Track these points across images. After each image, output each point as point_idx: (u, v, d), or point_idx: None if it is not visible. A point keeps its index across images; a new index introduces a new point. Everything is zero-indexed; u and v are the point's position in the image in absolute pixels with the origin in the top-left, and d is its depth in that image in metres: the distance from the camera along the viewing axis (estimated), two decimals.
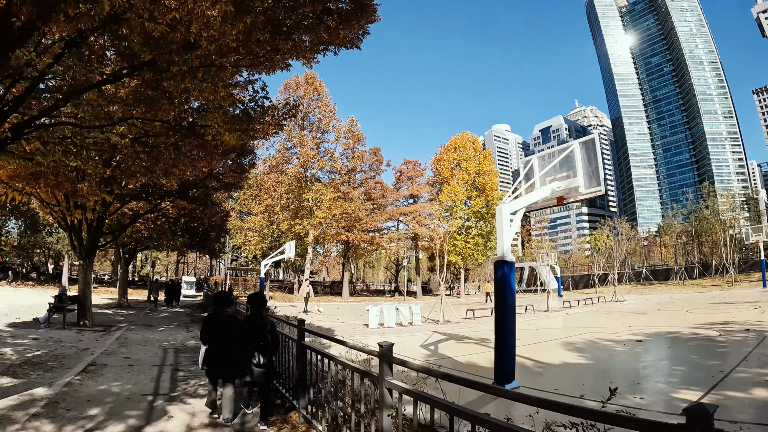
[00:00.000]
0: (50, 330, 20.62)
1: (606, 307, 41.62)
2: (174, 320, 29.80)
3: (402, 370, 5.76)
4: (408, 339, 23.07)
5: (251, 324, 8.50)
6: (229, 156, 20.98)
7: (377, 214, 71.36)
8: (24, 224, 73.55)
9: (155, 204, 27.02)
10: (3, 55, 8.02)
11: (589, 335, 22.78)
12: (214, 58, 9.28)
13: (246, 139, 13.12)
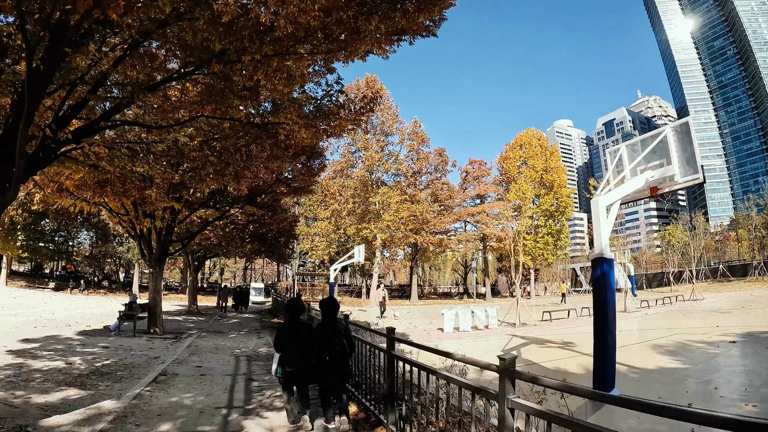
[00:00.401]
0: (120, 338, 20.46)
1: (685, 307, 40.10)
2: (244, 327, 29.51)
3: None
4: (486, 344, 22.35)
5: (325, 330, 8.34)
6: (299, 159, 20.54)
7: (445, 215, 70.53)
8: (95, 235, 75.99)
9: (224, 211, 26.74)
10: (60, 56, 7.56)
11: (676, 337, 21.72)
12: (289, 44, 8.56)
13: (321, 136, 12.32)
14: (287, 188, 25.11)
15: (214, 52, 8.46)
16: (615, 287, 12.78)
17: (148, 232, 23.03)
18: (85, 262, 78.04)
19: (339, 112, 11.57)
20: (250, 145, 12.70)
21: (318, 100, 11.41)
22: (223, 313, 40.95)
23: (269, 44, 8.38)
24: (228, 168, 14.09)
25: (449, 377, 5.94)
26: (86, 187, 16.17)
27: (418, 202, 64.41)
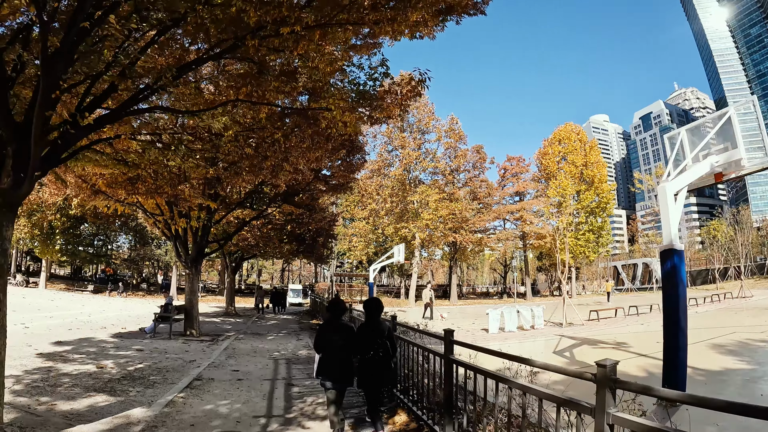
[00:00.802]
0: (155, 340, 19.92)
1: (735, 304, 38.90)
2: (283, 328, 28.92)
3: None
4: (535, 345, 21.44)
5: (368, 330, 8.21)
6: (339, 153, 19.69)
7: (484, 213, 69.28)
8: (134, 238, 77.19)
9: (261, 210, 26.16)
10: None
11: (734, 335, 20.80)
12: (332, 13, 7.70)
13: (366, 123, 11.41)
14: (326, 186, 24.41)
15: (249, 26, 7.67)
16: (685, 282, 11.79)
17: (184, 233, 22.56)
18: (123, 265, 78.98)
19: (385, 96, 10.66)
20: (289, 135, 11.95)
21: (361, 85, 10.51)
22: (261, 315, 40.58)
23: (312, 11, 7.55)
24: (265, 162, 13.39)
25: (527, 387, 5.07)
26: (117, 185, 15.56)
27: (456, 200, 63.30)
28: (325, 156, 16.05)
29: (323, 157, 16.42)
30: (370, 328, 8.22)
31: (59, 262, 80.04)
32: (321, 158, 15.70)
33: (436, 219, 60.46)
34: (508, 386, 5.52)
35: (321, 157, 15.55)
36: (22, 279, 59.74)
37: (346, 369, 8.11)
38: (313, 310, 44.09)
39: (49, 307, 34.32)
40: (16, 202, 7.13)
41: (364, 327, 8.31)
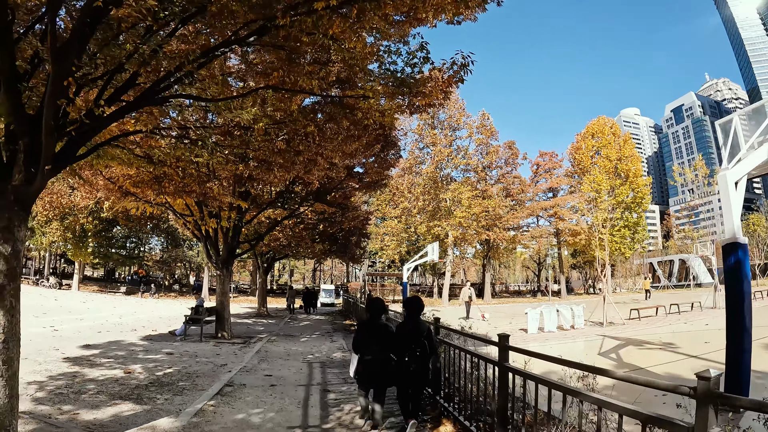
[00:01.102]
0: (186, 343, 19.46)
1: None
2: (316, 329, 28.44)
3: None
4: (577, 346, 20.67)
5: (407, 330, 8.12)
6: (373, 149, 18.83)
7: (517, 210, 68.22)
8: (165, 240, 77.95)
9: (293, 209, 25.58)
10: None
11: None
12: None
13: (405, 111, 10.66)
14: (359, 183, 23.71)
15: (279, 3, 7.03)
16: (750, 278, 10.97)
17: (214, 234, 22.08)
18: (155, 267, 79.46)
19: (426, 82, 9.91)
20: (323, 127, 11.31)
21: (398, 72, 9.78)
22: (294, 316, 40.22)
23: None
24: (298, 157, 12.76)
25: (605, 402, 4.36)
26: (144, 184, 15.09)
27: (489, 197, 62.40)
28: (359, 151, 15.47)
29: (358, 152, 15.85)
30: (410, 327, 8.11)
31: (93, 265, 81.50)
32: (355, 153, 15.16)
33: (470, 216, 59.43)
34: (579, 399, 4.84)
35: (355, 152, 15.01)
36: (55, 281, 59.98)
37: (384, 370, 8.12)
38: (346, 311, 43.61)
39: (80, 309, 34.22)
40: (28, 199, 6.59)
41: (404, 327, 8.24)
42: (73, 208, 54.36)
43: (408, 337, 7.98)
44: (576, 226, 67.04)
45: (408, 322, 8.29)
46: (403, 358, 7.91)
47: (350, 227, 35.73)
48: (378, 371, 8.16)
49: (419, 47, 9.33)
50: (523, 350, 6.39)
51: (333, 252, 39.78)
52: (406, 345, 7.93)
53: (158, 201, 19.43)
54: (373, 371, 8.17)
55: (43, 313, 28.24)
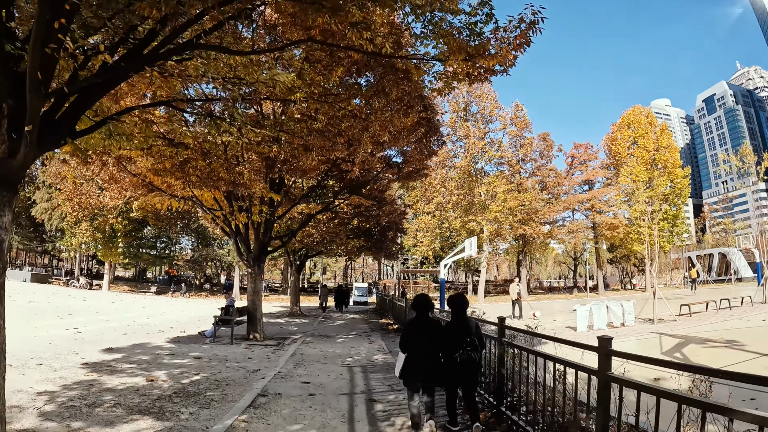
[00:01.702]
0: (216, 345, 18.21)
1: None
2: (352, 329, 27.21)
3: None
4: (631, 344, 19.18)
5: (456, 328, 8.11)
6: (418, 132, 17.13)
7: (553, 204, 66.61)
8: (196, 239, 78.26)
9: (328, 203, 24.23)
10: None
11: None
12: None
13: (464, 80, 9.10)
14: (398, 172, 22.15)
15: None
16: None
17: (245, 229, 20.76)
18: (186, 266, 79.39)
19: (488, 44, 8.37)
20: (370, 99, 9.88)
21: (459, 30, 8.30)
22: (326, 314, 39.26)
23: None
24: (339, 137, 11.37)
25: None
26: (166, 172, 13.69)
27: (525, 190, 61.07)
28: (404, 133, 14.13)
29: (402, 135, 14.51)
30: (458, 325, 8.11)
31: (124, 265, 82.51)
32: (400, 135, 13.80)
33: (505, 210, 58.06)
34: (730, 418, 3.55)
35: (401, 133, 13.65)
36: (85, 282, 59.86)
37: (434, 369, 7.96)
38: (380, 309, 42.44)
39: (108, 309, 33.26)
40: (12, 175, 5.29)
41: (452, 324, 8.22)
42: (102, 209, 54.38)
43: (458, 335, 7.92)
44: (614, 219, 65.29)
45: (454, 319, 8.30)
46: (453, 355, 7.85)
47: (387, 222, 34.18)
48: (429, 369, 7.89)
49: (481, 2, 7.92)
50: (633, 356, 5.07)
51: (368, 248, 38.10)
52: (455, 343, 7.88)
53: (184, 194, 18.23)
54: (424, 370, 7.86)
55: (68, 314, 27.23)
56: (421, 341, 7.93)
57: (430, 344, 7.97)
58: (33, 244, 75.02)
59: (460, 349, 7.81)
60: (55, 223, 62.32)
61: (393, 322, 29.94)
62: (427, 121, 17.39)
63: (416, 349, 7.90)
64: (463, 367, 7.84)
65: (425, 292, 11.03)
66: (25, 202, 67.88)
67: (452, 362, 7.87)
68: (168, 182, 16.98)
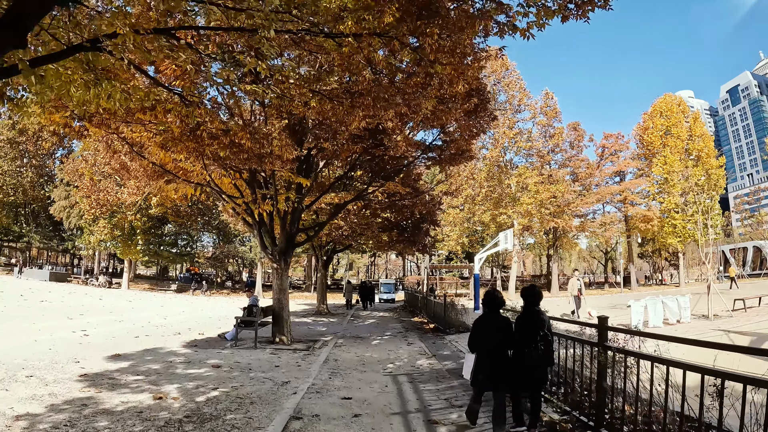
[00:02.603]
0: (237, 350, 16.08)
1: None
2: (385, 329, 25.38)
3: None
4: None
5: (528, 322, 7.61)
6: (470, 103, 14.51)
7: (585, 195, 64.05)
8: (217, 236, 77.97)
9: (361, 190, 21.97)
10: None
11: None
12: None
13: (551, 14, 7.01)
14: (440, 155, 19.59)
15: None
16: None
17: (270, 220, 18.58)
18: (207, 264, 78.47)
19: None
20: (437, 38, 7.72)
21: None
22: (355, 312, 37.93)
23: None
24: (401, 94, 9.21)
25: None
26: (176, 142, 11.33)
27: (556, 182, 58.90)
28: (456, 103, 12.04)
29: (454, 105, 12.35)
30: (530, 319, 7.67)
31: (144, 263, 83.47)
32: (452, 105, 11.65)
33: (537, 202, 56.07)
34: None
35: (452, 104, 11.52)
36: (104, 280, 58.93)
37: (503, 366, 7.62)
38: (410, 306, 40.49)
39: (123, 309, 31.43)
40: None
41: (524, 319, 7.79)
42: (121, 206, 53.61)
43: (530, 330, 7.47)
44: (648, 212, 62.91)
45: (528, 313, 7.82)
46: (523, 353, 7.44)
47: (421, 214, 31.73)
48: (501, 370, 7.55)
49: None
50: None
51: (401, 242, 35.48)
52: (530, 339, 7.42)
53: (200, 180, 16.18)
54: (495, 370, 7.53)
55: (80, 314, 25.32)
56: (492, 339, 7.64)
57: (502, 342, 7.66)
58: (53, 243, 74.21)
59: (532, 344, 7.33)
60: (74, 221, 61.87)
61: (427, 321, 28.01)
62: (479, 93, 15.04)
63: (486, 348, 7.63)
64: (533, 364, 7.35)
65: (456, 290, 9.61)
66: (44, 201, 68.36)
67: (522, 359, 7.45)
68: (182, 167, 15.05)
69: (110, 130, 12.32)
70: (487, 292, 8.21)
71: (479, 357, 7.66)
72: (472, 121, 16.34)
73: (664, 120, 65.46)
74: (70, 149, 68.96)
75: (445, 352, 16.71)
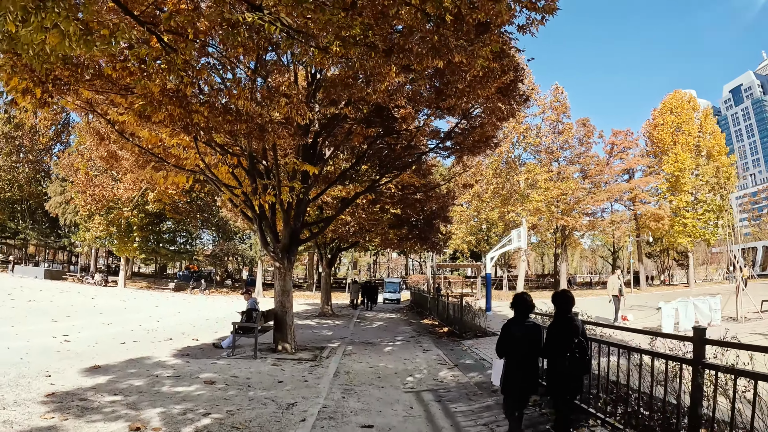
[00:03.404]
0: (234, 361, 14.10)
1: None
2: (394, 332, 23.77)
3: None
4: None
5: (562, 328, 7.13)
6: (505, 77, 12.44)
7: (595, 193, 62.35)
8: (216, 233, 77.38)
9: (373, 181, 19.68)
10: None
11: None
12: None
13: None
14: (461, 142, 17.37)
15: None
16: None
17: (272, 212, 16.64)
18: (206, 262, 77.30)
19: None
20: None
21: None
22: (361, 314, 36.15)
23: None
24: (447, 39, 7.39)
25: None
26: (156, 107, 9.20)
27: (565, 179, 57.50)
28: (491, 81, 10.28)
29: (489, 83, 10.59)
30: (564, 325, 7.14)
31: (144, 261, 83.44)
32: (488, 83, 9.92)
33: (547, 200, 54.95)
34: None
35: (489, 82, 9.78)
36: (100, 278, 57.13)
37: (533, 373, 7.30)
38: (418, 307, 39.06)
39: (115, 309, 29.57)
40: None
41: (557, 325, 7.24)
42: (117, 202, 52.48)
43: (565, 336, 6.97)
44: (659, 210, 61.19)
45: (559, 318, 7.32)
46: (558, 359, 6.98)
47: (432, 210, 29.66)
48: (527, 378, 7.17)
49: None
50: None
51: (410, 239, 33.24)
52: (564, 345, 6.92)
53: (193, 167, 14.29)
54: (522, 378, 7.13)
55: (66, 316, 23.45)
56: (522, 345, 7.24)
57: (532, 347, 7.29)
58: (50, 239, 72.81)
59: (567, 351, 6.92)
60: (69, 217, 60.73)
61: (439, 324, 26.26)
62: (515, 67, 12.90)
63: (515, 355, 7.25)
64: (569, 373, 6.94)
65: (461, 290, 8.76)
66: (41, 197, 67.06)
67: (558, 367, 7.06)
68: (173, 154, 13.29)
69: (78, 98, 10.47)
70: (516, 295, 7.76)
71: (508, 364, 7.29)
72: (504, 100, 14.01)
73: (675, 117, 64.01)
74: (68, 144, 67.94)
75: (467, 360, 14.94)
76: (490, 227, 63.95)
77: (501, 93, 13.43)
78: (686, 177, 60.60)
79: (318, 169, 15.16)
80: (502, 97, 13.70)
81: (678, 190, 61.07)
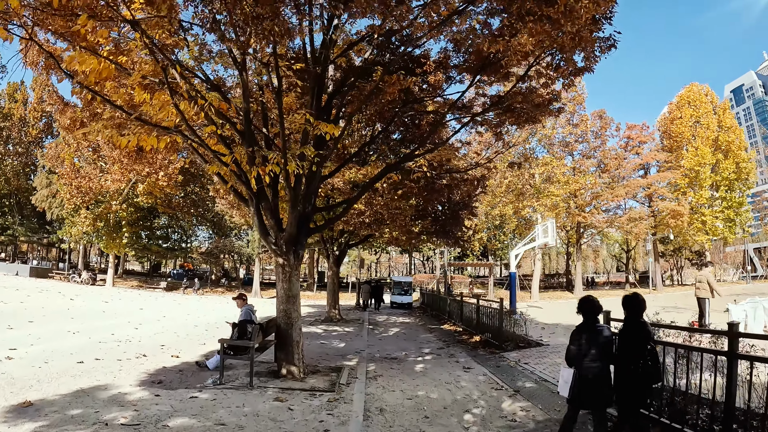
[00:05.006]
0: (222, 393, 10.00)
1: None
2: (417, 341, 20.49)
3: None
4: None
5: (632, 335, 6.83)
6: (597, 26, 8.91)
7: (614, 188, 59.60)
8: (211, 229, 76.12)
9: (402, 157, 15.76)
10: None
11: None
12: None
13: None
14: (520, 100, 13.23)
15: None
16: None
17: (272, 192, 12.43)
18: (201, 259, 75.55)
19: None
20: None
21: None
22: (369, 317, 33.28)
23: None
24: None
25: None
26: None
27: (583, 172, 56.30)
28: None
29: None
30: (635, 331, 6.79)
31: (137, 258, 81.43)
32: None
33: (566, 194, 53.37)
34: None
35: None
36: (88, 277, 54.35)
37: (604, 383, 6.81)
38: (431, 309, 36.58)
39: (93, 313, 25.85)
40: None
41: (627, 331, 6.92)
42: (105, 194, 50.20)
43: (637, 344, 6.62)
44: (679, 206, 58.31)
45: (630, 324, 6.91)
46: (630, 367, 6.56)
47: (460, 200, 25.79)
48: (597, 388, 6.65)
49: None
50: None
51: (433, 233, 29.00)
52: (637, 353, 6.54)
53: (168, 122, 10.37)
54: (591, 388, 6.66)
55: (29, 322, 19.65)
56: (591, 352, 6.76)
57: (601, 355, 6.72)
58: (38, 235, 70.22)
59: (640, 359, 6.42)
60: (56, 211, 59.12)
61: (463, 330, 22.85)
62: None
63: (586, 363, 6.74)
64: (640, 381, 6.48)
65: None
66: (29, 192, 65.36)
67: (628, 375, 6.57)
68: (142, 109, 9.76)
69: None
70: (583, 298, 7.25)
71: (578, 374, 6.75)
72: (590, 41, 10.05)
73: (693, 110, 62.14)
74: (58, 136, 65.43)
75: (526, 384, 11.38)
76: (502, 224, 62.16)
77: (594, 24, 9.60)
78: (706, 172, 58.83)
79: (339, 130, 11.31)
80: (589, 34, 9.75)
81: (698, 186, 59.30)
